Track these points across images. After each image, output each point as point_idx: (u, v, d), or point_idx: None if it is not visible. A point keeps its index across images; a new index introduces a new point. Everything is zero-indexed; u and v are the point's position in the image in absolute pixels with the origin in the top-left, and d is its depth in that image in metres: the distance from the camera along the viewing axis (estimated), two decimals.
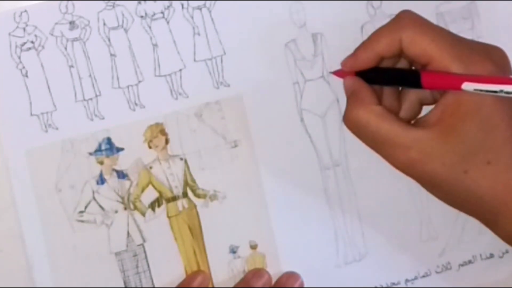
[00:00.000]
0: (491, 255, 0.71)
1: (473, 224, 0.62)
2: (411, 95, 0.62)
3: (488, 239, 0.69)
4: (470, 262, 0.71)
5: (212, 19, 0.67)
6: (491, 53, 0.59)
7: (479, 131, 0.57)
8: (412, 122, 0.62)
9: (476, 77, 0.56)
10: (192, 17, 0.67)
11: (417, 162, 0.58)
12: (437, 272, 0.70)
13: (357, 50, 0.61)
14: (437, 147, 0.57)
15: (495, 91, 0.56)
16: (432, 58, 0.58)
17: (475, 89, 0.56)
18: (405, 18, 0.59)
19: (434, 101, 0.61)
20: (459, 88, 0.56)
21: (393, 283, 0.70)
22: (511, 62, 0.60)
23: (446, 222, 0.70)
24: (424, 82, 0.58)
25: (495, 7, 0.69)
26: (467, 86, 0.56)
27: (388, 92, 0.62)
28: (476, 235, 0.70)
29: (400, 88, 0.63)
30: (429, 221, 0.70)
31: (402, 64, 0.62)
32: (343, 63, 0.62)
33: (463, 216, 0.62)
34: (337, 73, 0.64)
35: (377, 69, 0.61)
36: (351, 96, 0.61)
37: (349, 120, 0.60)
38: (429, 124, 0.58)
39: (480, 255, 0.71)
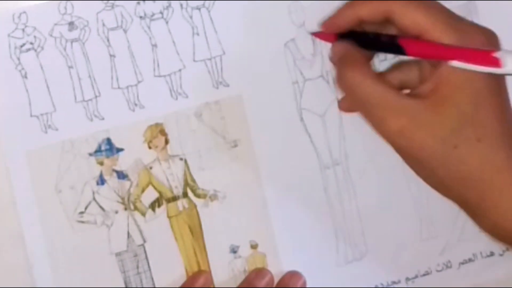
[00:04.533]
0: (492, 253, 0.71)
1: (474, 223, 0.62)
2: (394, 74, 0.62)
3: (488, 237, 0.69)
4: (470, 260, 0.71)
5: (211, 19, 0.67)
6: (483, 29, 0.58)
7: (470, 103, 0.56)
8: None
9: (465, 51, 0.56)
10: (191, 17, 0.67)
11: (407, 130, 0.57)
12: (437, 271, 0.70)
13: (339, 10, 0.61)
14: (428, 117, 0.57)
15: (483, 72, 0.56)
16: (425, 30, 0.57)
17: (463, 68, 0.56)
18: None
19: (417, 84, 0.60)
20: (445, 59, 0.56)
21: (394, 282, 0.70)
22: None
23: (446, 221, 0.70)
24: (409, 50, 0.58)
25: (494, 6, 0.69)
26: (456, 64, 0.56)
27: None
28: (476, 234, 0.70)
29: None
30: (429, 219, 0.70)
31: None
32: (322, 24, 0.62)
33: (463, 214, 0.62)
34: (317, 34, 0.64)
35: (360, 33, 0.60)
36: (343, 58, 0.60)
37: (342, 81, 0.59)
38: (422, 94, 0.57)
39: (481, 253, 0.71)
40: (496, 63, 0.56)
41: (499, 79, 0.58)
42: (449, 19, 0.58)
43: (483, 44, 0.57)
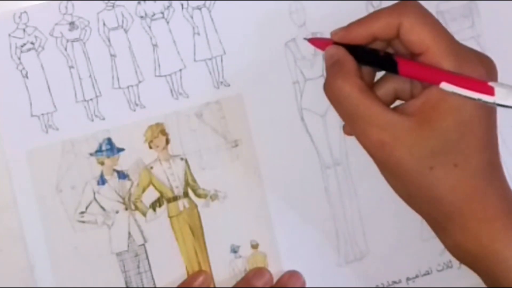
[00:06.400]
0: None
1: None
2: (388, 84, 0.62)
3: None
4: None
5: (212, 19, 0.67)
6: (484, 60, 0.59)
7: (455, 131, 0.57)
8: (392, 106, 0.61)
9: (458, 77, 0.56)
10: (192, 17, 0.67)
11: (387, 145, 0.57)
12: (438, 271, 0.70)
13: (352, 24, 0.60)
14: (410, 136, 0.57)
15: (473, 98, 0.56)
16: (428, 49, 0.57)
17: (453, 92, 0.56)
18: (410, 5, 0.59)
19: (410, 97, 0.60)
20: (437, 83, 0.56)
21: (394, 282, 0.70)
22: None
23: None
24: (402, 69, 0.58)
25: (495, 5, 0.69)
26: (446, 86, 0.56)
27: (364, 72, 0.61)
28: None
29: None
30: None
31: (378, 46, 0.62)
32: (334, 33, 0.61)
33: None
34: (313, 41, 0.64)
35: (357, 46, 0.60)
36: (335, 65, 0.60)
37: (331, 90, 0.59)
38: (408, 112, 0.58)
39: None
40: (489, 91, 0.56)
41: (489, 112, 0.58)
42: (453, 44, 0.58)
43: (481, 75, 0.57)
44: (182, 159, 0.67)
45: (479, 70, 0.57)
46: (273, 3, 0.67)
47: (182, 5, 0.67)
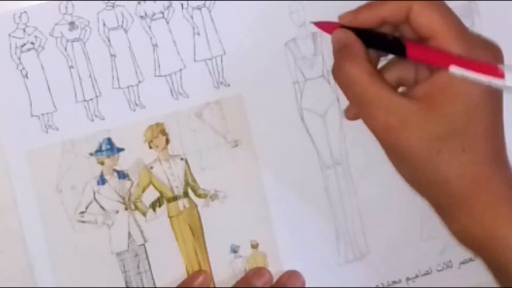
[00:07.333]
0: None
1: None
2: (392, 71, 0.62)
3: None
4: (471, 260, 0.71)
5: (212, 19, 0.67)
6: (491, 46, 0.59)
7: (463, 116, 0.57)
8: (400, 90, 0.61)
9: (467, 61, 0.56)
10: (192, 17, 0.67)
11: (395, 128, 0.57)
12: (438, 270, 0.70)
13: (361, 8, 0.61)
14: (418, 120, 0.57)
15: (483, 82, 0.56)
16: (438, 33, 0.57)
17: (462, 75, 0.56)
18: None
19: (415, 84, 0.60)
20: (446, 67, 0.56)
21: (394, 282, 0.70)
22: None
23: None
24: (411, 53, 0.58)
25: (495, 5, 0.69)
26: (455, 70, 0.56)
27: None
28: None
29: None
30: (429, 219, 0.69)
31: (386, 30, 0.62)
32: (342, 17, 0.61)
33: None
34: (320, 25, 0.64)
35: (365, 30, 0.60)
36: (343, 49, 0.60)
37: (339, 73, 0.59)
38: (416, 96, 0.58)
39: None
40: (498, 74, 0.56)
41: (496, 96, 0.58)
42: (462, 29, 0.58)
43: (489, 61, 0.57)
44: (182, 159, 0.67)
45: (487, 56, 0.57)
46: (273, 3, 0.67)
47: (182, 5, 0.67)
